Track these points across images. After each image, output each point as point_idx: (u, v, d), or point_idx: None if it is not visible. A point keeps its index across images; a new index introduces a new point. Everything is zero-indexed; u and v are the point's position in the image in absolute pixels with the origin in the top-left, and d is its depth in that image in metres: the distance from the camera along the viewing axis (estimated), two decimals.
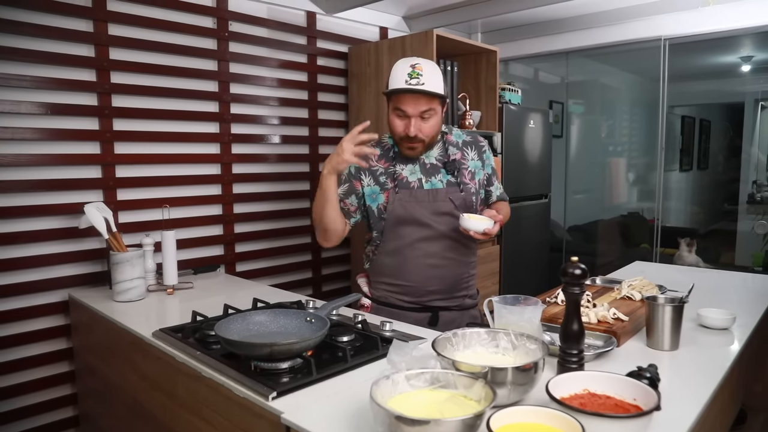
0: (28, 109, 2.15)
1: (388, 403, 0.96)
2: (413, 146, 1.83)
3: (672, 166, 5.68)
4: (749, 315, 1.78)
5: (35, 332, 2.23)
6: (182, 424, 1.56)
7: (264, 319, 1.50)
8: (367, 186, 1.89)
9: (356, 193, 1.89)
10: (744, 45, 4.47)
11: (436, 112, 1.80)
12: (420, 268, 1.87)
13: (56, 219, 2.25)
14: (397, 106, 1.78)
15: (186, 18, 2.59)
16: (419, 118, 1.77)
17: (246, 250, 2.92)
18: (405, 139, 1.81)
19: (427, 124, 1.79)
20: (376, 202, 1.88)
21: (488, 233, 1.73)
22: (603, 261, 4.87)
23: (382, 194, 1.87)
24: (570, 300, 1.24)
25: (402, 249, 1.87)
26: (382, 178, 1.88)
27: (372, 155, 1.81)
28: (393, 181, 1.87)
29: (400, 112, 1.78)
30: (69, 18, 2.23)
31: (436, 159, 1.91)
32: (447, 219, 1.85)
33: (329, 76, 3.26)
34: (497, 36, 4.16)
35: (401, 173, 1.88)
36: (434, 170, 1.90)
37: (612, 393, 1.04)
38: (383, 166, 1.90)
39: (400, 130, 1.80)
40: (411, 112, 1.76)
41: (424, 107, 1.76)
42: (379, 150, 1.92)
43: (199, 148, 2.69)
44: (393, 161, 1.90)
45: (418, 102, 1.75)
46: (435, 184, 1.88)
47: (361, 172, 1.90)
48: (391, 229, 1.87)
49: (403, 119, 1.79)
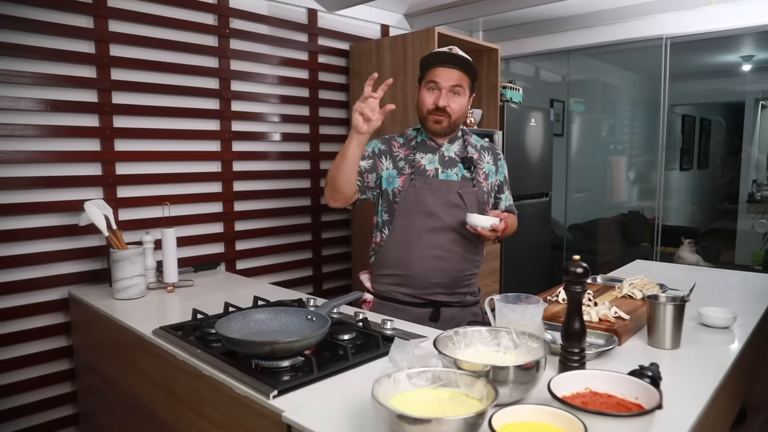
0: (28, 106, 2.14)
1: (389, 402, 0.96)
2: (440, 119, 1.87)
3: (672, 165, 5.68)
4: (750, 314, 1.78)
5: (35, 330, 2.23)
6: (183, 423, 1.56)
7: (265, 317, 1.50)
8: (386, 169, 1.93)
9: (377, 172, 1.93)
10: (745, 44, 4.47)
11: (465, 91, 1.88)
12: (425, 259, 1.88)
13: (56, 216, 2.25)
14: (430, 79, 1.86)
15: (187, 15, 2.58)
16: (450, 92, 1.85)
17: (246, 248, 2.92)
18: (433, 112, 1.86)
19: (456, 100, 1.86)
20: (392, 186, 1.91)
21: (495, 229, 1.76)
22: (603, 259, 4.87)
23: (399, 178, 1.91)
24: (572, 298, 1.24)
25: (408, 238, 1.89)
26: (401, 164, 1.93)
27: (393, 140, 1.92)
28: (411, 167, 1.91)
29: (432, 84, 1.86)
30: (69, 14, 2.23)
31: (455, 153, 1.96)
32: (456, 212, 1.87)
33: (330, 74, 3.25)
34: (498, 34, 4.15)
35: (420, 161, 1.92)
36: (452, 163, 1.94)
37: (614, 392, 1.04)
38: (404, 153, 1.94)
39: (430, 101, 1.87)
40: (443, 83, 1.84)
41: (455, 81, 1.84)
42: (402, 140, 1.98)
43: (199, 146, 2.68)
44: (414, 150, 1.94)
45: (451, 75, 1.84)
46: (450, 175, 1.92)
47: (383, 155, 1.94)
48: (401, 215, 1.89)
49: (434, 92, 1.86)
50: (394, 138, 1.99)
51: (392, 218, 1.91)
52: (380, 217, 1.96)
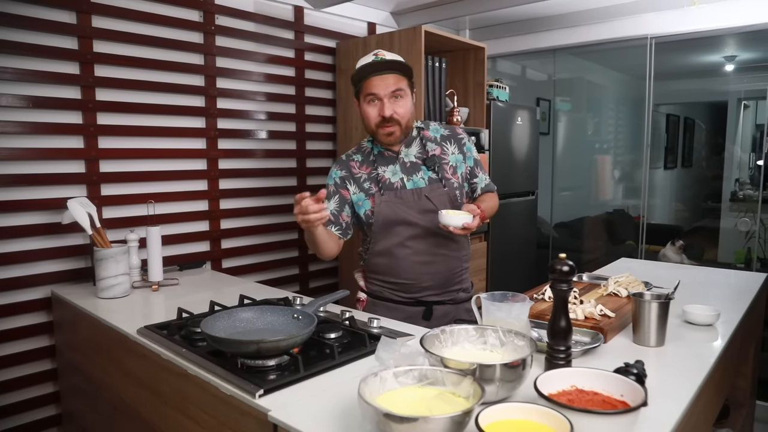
0: (10, 102, 2.11)
1: (376, 401, 0.96)
2: (390, 130, 1.83)
3: (657, 164, 5.73)
4: (733, 311, 1.80)
5: (17, 329, 2.19)
6: (168, 422, 1.54)
7: (251, 316, 1.49)
8: (353, 194, 1.90)
9: (348, 203, 1.90)
10: (728, 45, 4.52)
11: (407, 93, 1.83)
12: (412, 266, 1.88)
13: (39, 214, 2.22)
14: (368, 92, 1.81)
15: (172, 11, 2.55)
16: (391, 98, 1.80)
17: (232, 246, 2.90)
18: (381, 124, 1.82)
19: (400, 105, 1.81)
20: (363, 209, 1.89)
21: (468, 228, 1.70)
22: (589, 258, 4.90)
23: (368, 200, 1.88)
24: (558, 297, 1.24)
25: (392, 249, 1.88)
26: (366, 185, 1.89)
27: (344, 172, 1.88)
28: (377, 185, 1.88)
29: (371, 97, 1.81)
30: (52, 9, 2.20)
31: (415, 157, 1.92)
32: (433, 216, 1.85)
33: (317, 72, 3.24)
34: (485, 33, 4.16)
35: (383, 175, 1.89)
36: (414, 168, 1.90)
37: (599, 389, 1.04)
38: (366, 172, 1.91)
39: (375, 114, 1.82)
40: (381, 92, 1.79)
41: (393, 87, 1.79)
42: (360, 157, 1.94)
43: (184, 143, 2.66)
44: (374, 165, 1.91)
45: (386, 82, 1.78)
46: (417, 182, 1.89)
47: (346, 181, 1.91)
48: (380, 230, 1.88)
49: (376, 104, 1.81)
50: (351, 158, 1.95)
51: (372, 235, 1.90)
52: (362, 234, 1.97)
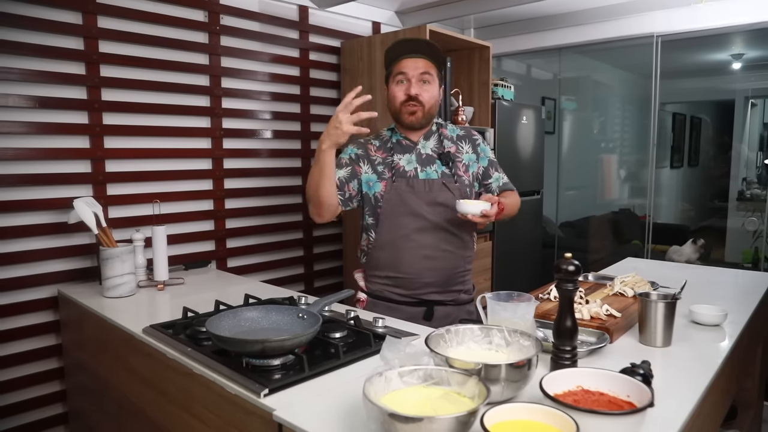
0: (16, 103, 2.12)
1: (381, 401, 0.96)
2: (414, 109, 1.86)
3: (663, 163, 5.70)
4: (740, 311, 1.79)
5: (23, 328, 2.20)
6: (173, 421, 1.55)
7: (256, 315, 1.50)
8: (365, 173, 1.92)
9: (358, 178, 1.92)
10: (735, 42, 4.49)
11: (434, 80, 1.87)
12: (415, 259, 1.87)
13: (45, 214, 2.23)
14: (397, 71, 1.86)
15: (177, 11, 2.56)
16: (419, 81, 1.84)
17: (237, 246, 2.91)
18: (406, 102, 1.85)
19: (426, 89, 1.85)
20: (373, 190, 1.90)
21: (487, 215, 1.69)
22: (595, 257, 4.88)
23: (380, 183, 1.90)
24: (563, 296, 1.24)
25: (396, 241, 1.88)
26: (380, 168, 1.91)
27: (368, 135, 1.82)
28: (390, 171, 1.90)
29: (400, 77, 1.85)
30: (58, 10, 2.20)
31: (431, 150, 1.94)
32: (441, 210, 1.86)
33: (321, 71, 3.24)
34: (490, 32, 4.15)
35: (398, 163, 1.91)
36: (429, 160, 1.92)
37: (605, 390, 1.04)
38: (381, 157, 1.93)
39: (401, 93, 1.86)
40: (411, 72, 1.84)
41: (422, 68, 1.84)
42: (378, 142, 1.97)
43: (190, 143, 2.66)
44: (390, 152, 1.93)
45: (416, 64, 1.84)
46: (430, 174, 1.90)
47: (361, 159, 1.93)
48: (387, 218, 1.88)
49: (403, 85, 1.86)
50: (370, 141, 1.98)
51: (377, 222, 1.90)
52: (365, 221, 1.95)
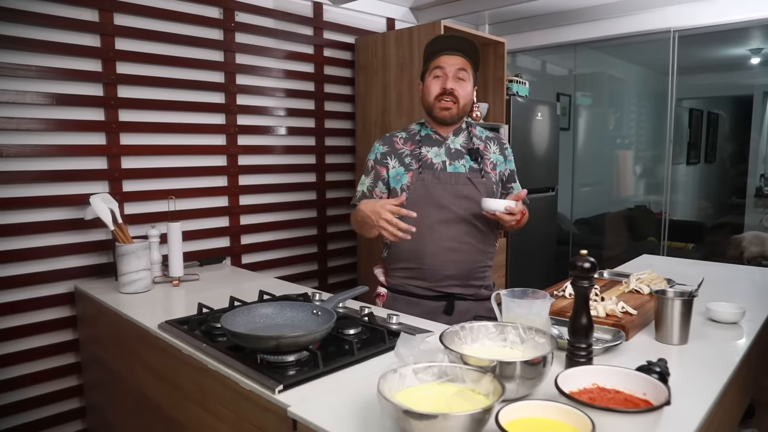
0: (34, 100, 2.14)
1: (395, 397, 0.96)
2: (448, 105, 1.87)
3: (679, 159, 5.64)
4: (758, 309, 1.76)
5: (41, 323, 2.23)
6: (188, 417, 1.56)
7: (270, 311, 1.50)
8: (393, 168, 1.94)
9: (383, 180, 1.94)
10: (753, 37, 4.43)
11: (469, 78, 1.90)
12: (438, 250, 1.88)
13: (62, 210, 2.25)
14: (435, 66, 1.89)
15: (192, 8, 2.57)
16: (455, 77, 1.87)
17: (252, 242, 2.92)
18: (440, 96, 1.87)
19: (461, 86, 1.88)
20: (400, 183, 1.92)
21: (511, 211, 1.73)
22: (610, 254, 4.85)
23: (407, 174, 1.91)
24: (579, 293, 1.23)
25: (420, 231, 1.87)
26: (407, 159, 1.93)
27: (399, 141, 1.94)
28: (417, 162, 1.91)
29: (437, 71, 1.88)
30: (74, 8, 2.22)
31: (460, 145, 1.96)
32: (467, 203, 1.87)
33: (336, 68, 3.24)
34: (505, 27, 4.13)
35: (426, 155, 1.93)
36: (458, 155, 1.94)
37: (621, 387, 1.03)
38: (409, 149, 1.95)
39: (437, 87, 1.88)
40: (449, 68, 1.86)
41: (460, 65, 1.87)
42: (405, 135, 1.99)
43: (205, 140, 2.68)
44: (419, 144, 1.95)
45: (454, 60, 1.87)
46: (458, 167, 1.92)
47: (387, 157, 1.95)
48: (411, 208, 1.87)
49: (440, 79, 1.88)
50: (396, 135, 1.99)
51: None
52: None
